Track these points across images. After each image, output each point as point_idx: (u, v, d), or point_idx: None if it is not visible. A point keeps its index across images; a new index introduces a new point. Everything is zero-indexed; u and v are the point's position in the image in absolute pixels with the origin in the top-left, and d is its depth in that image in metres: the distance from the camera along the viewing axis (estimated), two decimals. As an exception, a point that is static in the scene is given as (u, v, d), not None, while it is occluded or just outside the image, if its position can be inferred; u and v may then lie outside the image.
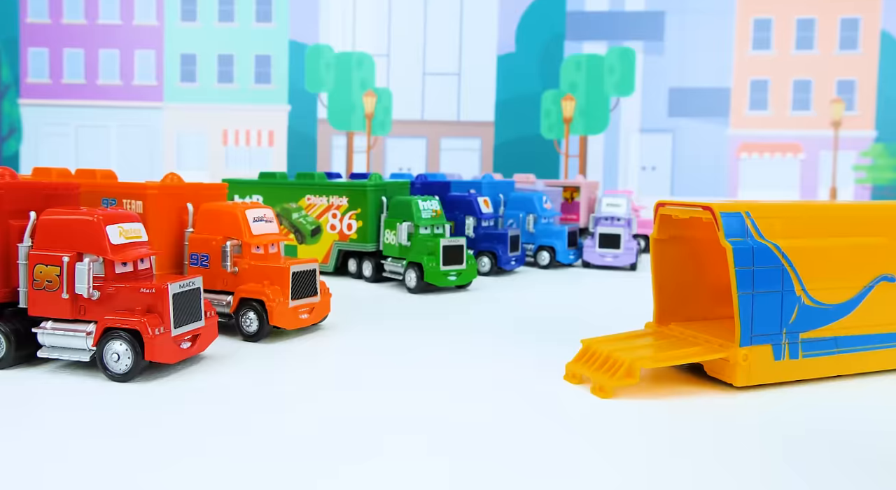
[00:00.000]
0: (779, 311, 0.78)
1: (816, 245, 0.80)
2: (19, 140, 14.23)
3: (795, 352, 0.79)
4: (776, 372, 0.78)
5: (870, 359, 0.82)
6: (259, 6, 16.75)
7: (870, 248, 0.81)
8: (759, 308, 0.77)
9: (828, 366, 0.80)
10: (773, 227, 0.79)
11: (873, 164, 13.29)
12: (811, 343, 0.79)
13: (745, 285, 0.76)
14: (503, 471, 0.54)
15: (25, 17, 14.06)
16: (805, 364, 0.79)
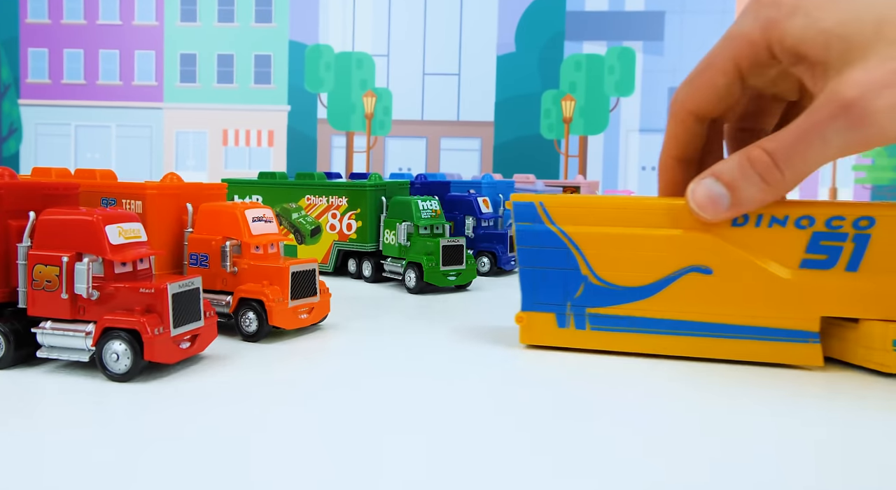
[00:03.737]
0: (562, 285, 0.89)
1: (606, 232, 0.88)
2: (19, 140, 14.15)
3: (582, 323, 0.89)
4: (560, 337, 0.90)
5: (668, 343, 0.87)
6: (259, 6, 16.72)
7: (665, 238, 0.86)
8: (542, 281, 0.90)
9: (620, 341, 0.88)
10: (565, 215, 0.89)
11: (873, 164, 13.25)
12: (599, 318, 0.89)
13: (526, 261, 0.91)
14: (506, 471, 0.53)
15: (25, 17, 13.96)
16: (593, 336, 0.89)
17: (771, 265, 0.83)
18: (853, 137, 0.73)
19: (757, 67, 0.81)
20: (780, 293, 0.83)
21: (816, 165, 0.77)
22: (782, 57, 0.78)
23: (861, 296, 0.81)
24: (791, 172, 0.78)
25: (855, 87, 0.72)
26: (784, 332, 0.84)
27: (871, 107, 0.71)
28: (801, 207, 0.82)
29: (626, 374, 0.81)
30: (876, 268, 0.80)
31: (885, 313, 0.80)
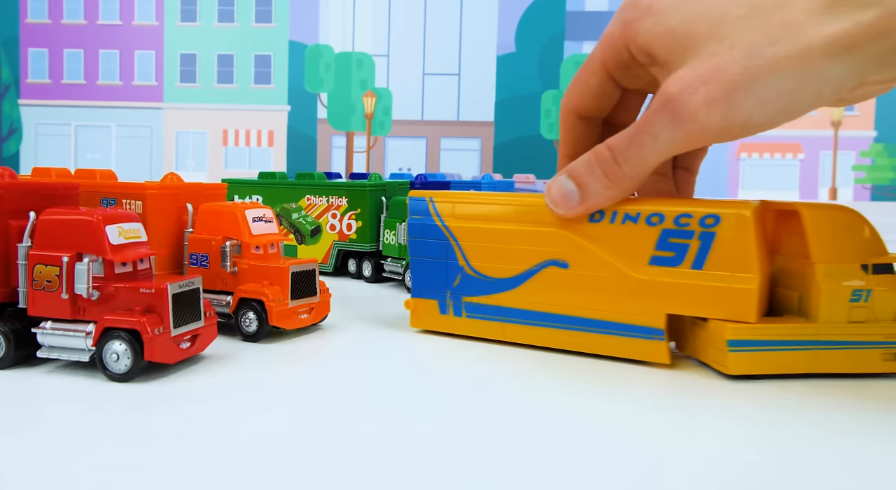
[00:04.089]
0: (444, 275, 0.97)
1: (480, 226, 0.94)
2: (19, 140, 14.18)
3: (459, 310, 0.96)
4: (441, 323, 0.98)
5: (533, 333, 0.91)
6: (259, 6, 16.73)
7: (529, 233, 0.90)
8: (427, 270, 0.98)
9: (490, 329, 0.94)
10: (448, 210, 0.97)
11: (873, 164, 13.25)
12: (475, 307, 0.95)
13: (415, 251, 0.99)
14: (510, 476, 0.54)
15: (25, 17, 13.98)
16: (468, 323, 0.96)
17: (620, 261, 0.85)
18: (676, 133, 0.76)
19: (621, 67, 0.83)
20: (628, 289, 0.84)
21: (651, 161, 0.79)
22: (638, 57, 0.80)
23: (704, 294, 0.81)
24: (628, 167, 0.80)
25: (676, 83, 0.74)
26: (632, 328, 0.85)
27: (689, 102, 0.73)
28: (652, 205, 0.84)
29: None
30: (719, 266, 0.81)
31: (725, 313, 0.80)
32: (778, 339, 0.79)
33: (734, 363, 0.79)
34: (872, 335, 0.79)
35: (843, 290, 0.79)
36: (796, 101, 0.71)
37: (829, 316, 0.79)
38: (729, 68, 0.71)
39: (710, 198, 0.89)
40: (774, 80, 0.70)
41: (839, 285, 0.79)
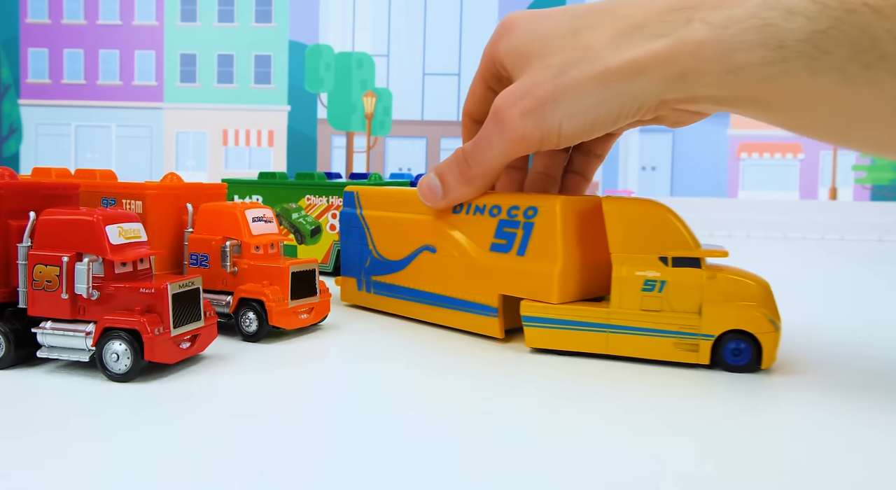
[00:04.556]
0: (360, 258, 1.13)
1: (383, 215, 1.09)
2: (19, 140, 14.16)
3: (369, 288, 1.12)
4: (358, 298, 1.15)
5: (412, 308, 1.05)
6: (259, 6, 16.71)
7: (414, 222, 1.04)
8: (350, 253, 1.15)
9: (391, 305, 1.10)
10: (365, 201, 1.13)
11: (872, 164, 13.25)
12: (378, 285, 1.11)
13: (343, 237, 1.16)
14: (511, 466, 0.54)
15: (25, 17, 13.98)
16: (376, 299, 1.12)
17: (471, 247, 0.97)
18: (503, 140, 0.87)
19: (494, 79, 0.94)
20: (474, 271, 0.96)
21: (492, 164, 0.90)
22: (500, 71, 0.91)
23: (523, 277, 0.91)
24: (477, 169, 0.92)
25: (502, 97, 0.86)
26: (476, 306, 0.97)
27: (509, 114, 0.84)
28: (495, 198, 0.95)
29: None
30: (535, 253, 0.90)
31: (535, 294, 0.89)
32: (569, 319, 0.87)
33: (529, 337, 0.90)
34: (665, 324, 0.84)
35: (635, 279, 0.85)
36: (599, 114, 0.80)
37: (619, 302, 0.85)
38: (542, 85, 0.82)
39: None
40: (578, 96, 0.80)
41: (631, 274, 0.85)
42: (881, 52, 0.63)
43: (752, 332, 0.81)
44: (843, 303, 1.44)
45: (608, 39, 0.78)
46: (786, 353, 0.91)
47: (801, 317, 1.27)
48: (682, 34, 0.73)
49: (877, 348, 0.98)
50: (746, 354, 0.81)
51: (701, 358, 0.82)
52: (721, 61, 0.70)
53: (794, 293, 1.55)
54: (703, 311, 0.82)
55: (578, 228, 0.89)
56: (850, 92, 0.66)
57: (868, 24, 0.63)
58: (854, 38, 0.64)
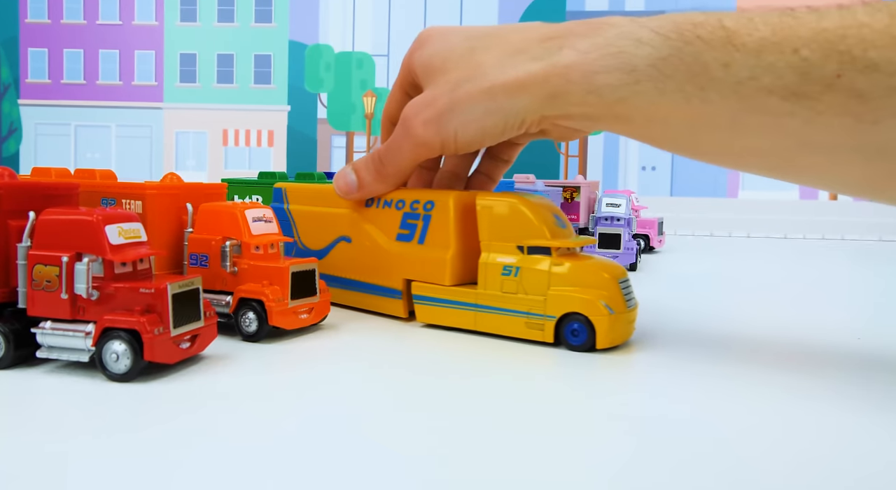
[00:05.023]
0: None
1: (306, 210, 1.20)
2: (19, 140, 14.21)
3: None
4: None
5: (336, 293, 1.11)
6: (259, 6, 16.77)
7: (332, 215, 1.14)
8: None
9: None
10: (290, 197, 1.23)
11: (873, 165, 13.19)
12: None
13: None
14: (514, 480, 0.53)
15: (25, 17, 14.01)
16: None
17: (380, 237, 1.08)
18: (409, 145, 0.97)
19: (411, 87, 1.03)
20: (383, 259, 1.07)
21: (403, 165, 1.02)
22: (415, 80, 1.00)
23: (422, 263, 1.03)
24: (390, 168, 1.03)
25: (409, 106, 0.96)
26: (384, 290, 1.09)
27: (413, 122, 0.95)
28: (400, 193, 1.07)
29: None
30: (432, 241, 1.02)
31: (431, 277, 1.02)
32: (447, 298, 1.00)
33: (418, 313, 1.03)
34: (518, 305, 0.95)
35: (496, 265, 0.96)
36: (487, 125, 0.90)
37: (484, 285, 0.97)
38: (441, 97, 0.92)
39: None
40: (470, 108, 0.90)
41: (493, 261, 0.97)
42: (711, 76, 0.73)
43: (587, 314, 0.90)
44: (842, 303, 1.43)
45: (496, 60, 0.88)
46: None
47: (797, 317, 1.27)
48: (554, 59, 0.83)
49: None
50: (583, 335, 0.91)
51: (546, 336, 0.93)
52: (585, 82, 0.81)
53: (793, 293, 1.55)
54: (548, 295, 0.92)
55: (467, 221, 1.01)
56: (691, 109, 0.76)
57: (700, 53, 0.73)
58: (690, 64, 0.74)
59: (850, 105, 0.66)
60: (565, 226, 0.99)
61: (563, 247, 0.94)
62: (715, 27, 0.73)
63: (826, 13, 0.68)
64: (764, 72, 0.69)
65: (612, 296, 0.91)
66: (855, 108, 0.66)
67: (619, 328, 0.92)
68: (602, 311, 0.90)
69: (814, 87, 0.67)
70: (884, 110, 0.65)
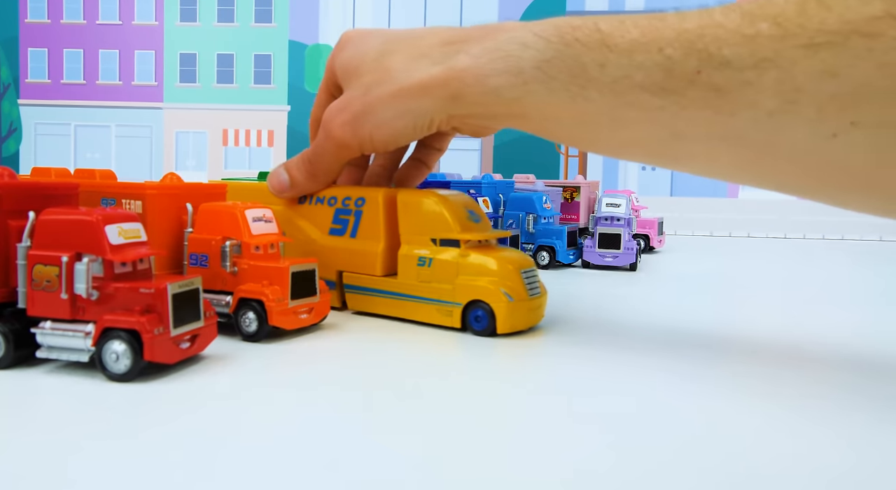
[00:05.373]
0: None
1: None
2: (19, 140, 14.22)
3: None
4: None
5: None
6: (259, 6, 16.80)
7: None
8: None
9: None
10: (231, 195, 1.17)
11: (873, 165, 13.20)
12: None
13: None
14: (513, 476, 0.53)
15: (25, 17, 14.01)
16: None
17: (314, 232, 1.14)
18: (330, 146, 1.04)
19: (336, 89, 1.08)
20: (318, 253, 1.12)
21: (330, 166, 1.08)
22: (338, 82, 1.06)
23: (355, 255, 1.09)
24: (318, 167, 1.09)
25: (329, 110, 1.02)
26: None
27: (332, 125, 1.01)
28: (332, 191, 1.13)
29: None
30: (364, 235, 1.09)
31: (364, 268, 1.09)
32: (372, 287, 1.08)
33: (349, 302, 1.11)
34: (431, 293, 1.02)
35: (412, 256, 1.04)
36: (398, 126, 0.96)
37: (404, 275, 1.05)
38: (355, 100, 0.99)
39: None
40: (381, 111, 0.96)
41: (410, 252, 1.05)
42: (589, 75, 0.78)
43: (488, 302, 0.97)
44: (841, 304, 1.43)
45: (402, 64, 0.94)
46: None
47: (795, 317, 1.27)
48: (451, 63, 0.89)
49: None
50: (484, 321, 0.98)
51: (454, 322, 1.00)
52: (479, 85, 0.86)
53: (792, 293, 1.55)
54: (455, 284, 1.00)
55: (395, 215, 1.08)
56: (576, 107, 0.81)
57: (579, 54, 0.78)
58: (570, 65, 0.79)
59: (710, 99, 0.71)
60: (479, 220, 1.07)
61: (472, 239, 1.02)
62: (591, 30, 0.79)
63: (688, 15, 0.73)
64: (635, 70, 0.75)
65: (513, 285, 0.98)
66: (714, 101, 0.71)
67: (520, 315, 0.99)
68: (502, 299, 0.97)
69: (678, 83, 0.72)
70: (739, 103, 0.70)
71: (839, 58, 0.63)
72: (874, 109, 0.63)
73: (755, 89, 0.68)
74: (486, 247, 1.04)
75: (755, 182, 0.82)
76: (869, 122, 0.64)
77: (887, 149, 0.65)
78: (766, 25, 0.67)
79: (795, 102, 0.66)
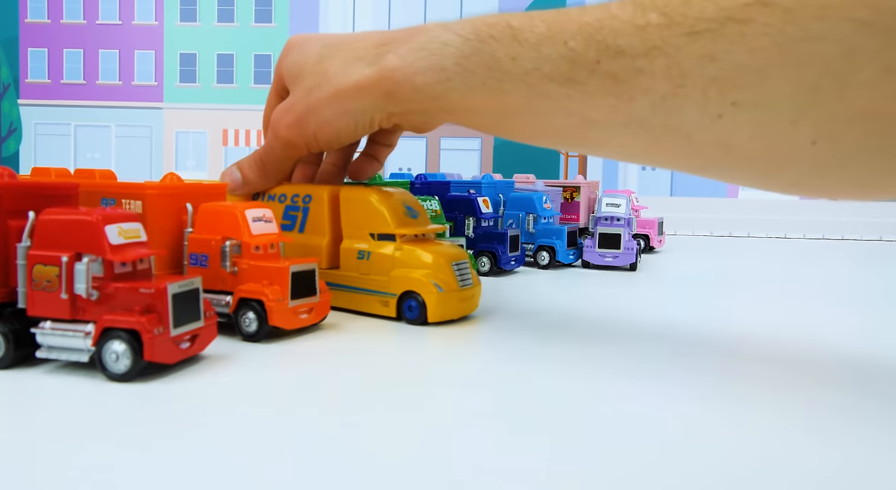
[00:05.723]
0: None
1: None
2: (19, 140, 14.21)
3: None
4: None
5: None
6: (259, 6, 16.79)
7: None
8: None
9: None
10: None
11: (873, 164, 13.17)
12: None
13: None
14: (512, 475, 0.53)
15: (25, 17, 13.99)
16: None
17: None
18: (278, 146, 1.10)
19: (284, 91, 1.12)
20: None
21: (281, 164, 1.14)
22: (285, 85, 1.11)
23: (303, 249, 1.14)
24: (269, 166, 1.15)
25: (276, 112, 1.09)
26: None
27: (279, 126, 1.07)
28: (283, 188, 1.18)
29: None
30: (311, 230, 1.15)
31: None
32: None
33: None
34: (370, 285, 1.08)
35: (353, 250, 1.11)
36: (340, 125, 1.02)
37: (345, 268, 1.11)
38: (298, 103, 1.04)
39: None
40: (322, 112, 1.01)
41: (351, 246, 1.11)
42: (504, 69, 0.83)
43: (419, 292, 1.03)
44: (842, 304, 1.43)
45: (339, 67, 0.99)
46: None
47: (791, 316, 1.27)
48: (382, 63, 0.94)
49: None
50: (416, 310, 1.04)
51: (390, 312, 1.06)
52: (408, 83, 0.91)
53: (791, 293, 1.55)
54: (391, 276, 1.06)
55: (339, 211, 1.14)
56: (495, 100, 0.86)
57: (493, 50, 0.83)
58: (487, 60, 0.84)
59: (610, 86, 0.75)
60: (417, 216, 1.13)
61: (407, 234, 1.08)
62: (504, 27, 0.83)
63: (589, 8, 0.78)
64: (544, 62, 0.79)
65: (445, 276, 1.04)
66: (613, 88, 0.75)
67: (450, 304, 1.05)
68: (431, 290, 1.03)
69: (581, 73, 0.77)
70: (635, 89, 0.74)
71: (717, 43, 0.67)
72: (750, 90, 0.67)
73: (647, 76, 0.72)
74: (423, 241, 1.10)
75: (665, 164, 0.86)
76: (747, 102, 0.68)
77: (763, 126, 0.70)
78: (654, 15, 0.71)
79: (683, 86, 0.71)
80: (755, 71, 0.66)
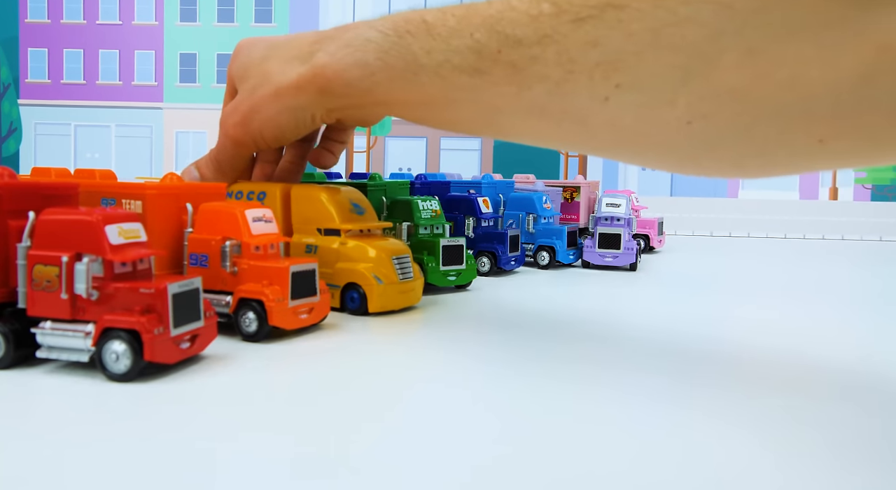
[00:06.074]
0: None
1: None
2: (19, 140, 14.21)
3: None
4: None
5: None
6: (259, 6, 16.79)
7: None
8: None
9: None
10: None
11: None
12: None
13: None
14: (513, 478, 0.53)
15: (25, 17, 13.99)
16: None
17: None
18: (229, 144, 1.14)
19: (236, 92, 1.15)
20: None
21: (234, 163, 1.18)
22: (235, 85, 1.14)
23: None
24: (224, 165, 1.18)
25: (224, 112, 1.12)
26: None
27: (227, 125, 1.12)
28: (240, 186, 1.21)
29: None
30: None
31: None
32: None
33: None
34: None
35: (301, 244, 1.16)
36: (282, 122, 1.06)
37: None
38: (243, 102, 1.08)
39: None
40: (264, 110, 1.06)
41: (300, 240, 1.16)
42: (420, 63, 0.86)
43: (360, 284, 1.09)
44: (842, 304, 1.43)
45: (278, 66, 1.03)
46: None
47: (789, 316, 1.27)
48: (314, 61, 0.97)
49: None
50: (357, 301, 1.09)
51: (334, 302, 1.10)
52: (338, 78, 0.95)
53: (790, 293, 1.55)
54: (335, 268, 1.11)
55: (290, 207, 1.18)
56: (415, 92, 0.89)
57: (410, 44, 0.87)
58: (404, 55, 0.87)
59: (511, 75, 0.78)
60: (363, 212, 1.19)
61: (352, 229, 1.14)
62: (419, 22, 0.86)
63: (494, 1, 0.80)
64: (453, 54, 0.83)
65: (385, 270, 1.10)
66: (514, 77, 0.78)
67: (390, 296, 1.11)
68: (371, 282, 1.09)
69: (486, 63, 0.80)
70: (532, 77, 0.77)
71: (598, 29, 0.70)
72: (630, 73, 0.70)
73: (541, 63, 0.75)
74: (367, 236, 1.16)
75: (571, 147, 0.89)
76: (628, 84, 0.71)
77: (644, 107, 0.72)
78: (546, 5, 0.74)
79: (572, 72, 0.74)
80: (633, 54, 0.69)
